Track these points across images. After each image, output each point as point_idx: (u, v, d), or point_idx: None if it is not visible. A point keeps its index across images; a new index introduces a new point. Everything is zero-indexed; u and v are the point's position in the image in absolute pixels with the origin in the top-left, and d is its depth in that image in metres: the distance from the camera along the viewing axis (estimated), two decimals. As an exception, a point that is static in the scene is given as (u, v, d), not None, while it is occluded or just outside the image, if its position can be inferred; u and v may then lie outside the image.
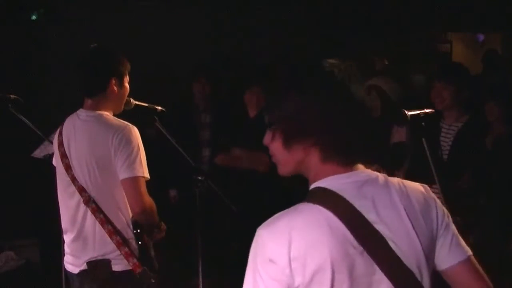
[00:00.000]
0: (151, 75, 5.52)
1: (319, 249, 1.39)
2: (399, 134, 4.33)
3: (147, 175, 2.67)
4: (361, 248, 1.42)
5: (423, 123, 2.74)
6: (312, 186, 1.50)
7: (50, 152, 3.36)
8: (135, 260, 2.65)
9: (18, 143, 4.02)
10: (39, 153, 3.67)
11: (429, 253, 1.51)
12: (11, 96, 3.30)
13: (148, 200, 2.68)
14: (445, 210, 1.58)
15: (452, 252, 1.54)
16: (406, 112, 2.70)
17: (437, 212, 1.54)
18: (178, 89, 5.43)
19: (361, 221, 1.44)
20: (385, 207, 1.47)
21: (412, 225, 1.48)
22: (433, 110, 2.86)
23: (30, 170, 4.23)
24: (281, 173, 1.58)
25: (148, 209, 2.67)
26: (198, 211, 3.31)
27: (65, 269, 2.89)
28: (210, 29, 6.31)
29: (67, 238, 2.83)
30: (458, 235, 1.57)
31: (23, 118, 3.33)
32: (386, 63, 6.40)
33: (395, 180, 1.55)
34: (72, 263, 2.81)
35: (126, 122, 2.71)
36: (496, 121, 3.99)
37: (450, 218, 1.58)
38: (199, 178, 3.30)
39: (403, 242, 1.46)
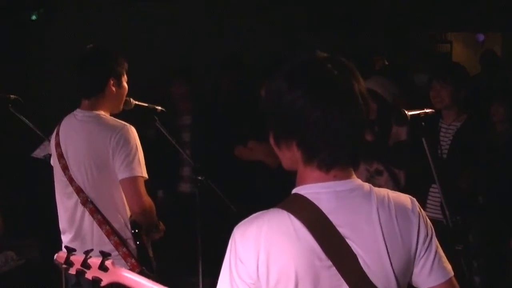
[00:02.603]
0: (151, 75, 5.52)
1: (283, 258, 1.38)
2: (400, 134, 4.33)
3: (145, 174, 2.67)
4: (329, 262, 1.39)
5: (423, 123, 2.73)
6: (293, 191, 1.47)
7: (50, 152, 3.36)
8: (133, 260, 2.65)
9: (18, 143, 4.02)
10: (39, 153, 3.66)
11: (402, 274, 1.46)
12: (11, 96, 3.30)
13: (148, 200, 2.68)
14: (429, 229, 1.50)
15: (433, 274, 1.50)
16: (406, 112, 2.70)
17: (418, 232, 1.47)
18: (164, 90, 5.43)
19: (332, 234, 1.40)
20: (361, 223, 1.42)
21: (386, 245, 1.43)
22: (433, 110, 2.86)
23: (30, 170, 4.23)
24: (284, 167, 1.56)
25: (147, 209, 2.67)
26: (198, 211, 3.32)
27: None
28: (210, 29, 6.31)
29: (65, 238, 2.83)
30: (442, 254, 1.52)
31: (23, 118, 3.32)
32: (386, 63, 6.39)
33: (382, 192, 1.48)
34: None
35: (123, 122, 2.70)
36: (501, 121, 4.00)
37: (434, 237, 1.51)
38: (199, 178, 3.30)
39: (373, 261, 1.42)
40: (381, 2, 7.24)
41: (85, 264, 1.98)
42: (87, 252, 2.03)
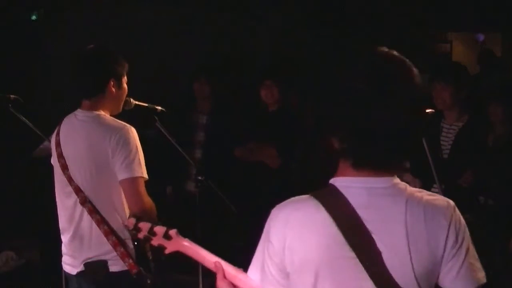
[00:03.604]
0: (151, 75, 5.52)
1: (307, 246, 1.45)
2: None
3: (145, 175, 2.66)
4: (352, 254, 1.42)
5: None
6: (330, 181, 1.52)
7: (50, 152, 3.36)
8: (131, 261, 2.64)
9: (18, 143, 4.02)
10: (39, 153, 3.67)
11: (425, 276, 1.47)
12: (11, 96, 3.30)
13: (148, 200, 2.68)
14: (462, 235, 1.50)
15: (458, 281, 1.49)
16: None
17: (447, 236, 1.47)
18: (178, 89, 5.43)
19: (359, 228, 1.43)
20: (388, 221, 1.45)
21: (409, 245, 1.44)
22: (433, 110, 2.86)
23: (30, 170, 4.23)
24: (328, 152, 1.58)
25: (147, 210, 2.66)
26: (198, 211, 3.32)
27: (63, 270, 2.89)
28: (210, 29, 6.31)
29: (64, 238, 2.83)
30: (472, 262, 1.50)
31: (23, 118, 3.32)
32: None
33: (417, 194, 1.49)
34: (70, 264, 2.81)
35: (123, 123, 2.70)
36: (499, 121, 3.99)
37: (466, 244, 1.50)
38: (199, 178, 3.30)
39: (396, 259, 1.44)
40: (381, 2, 7.24)
41: (152, 231, 2.03)
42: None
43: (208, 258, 1.93)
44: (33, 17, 5.87)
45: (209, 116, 4.78)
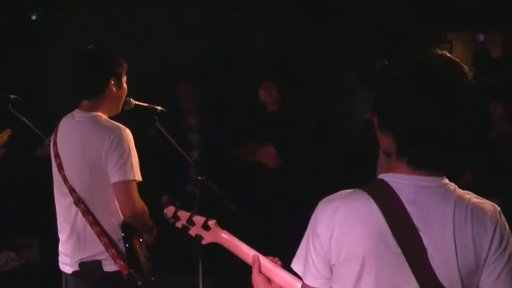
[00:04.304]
0: (151, 75, 5.52)
1: (354, 238, 1.46)
2: None
3: (138, 177, 2.65)
4: (398, 249, 1.43)
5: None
6: (380, 176, 1.52)
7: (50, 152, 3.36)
8: (121, 262, 2.65)
9: (18, 143, 4.01)
10: (39, 153, 3.67)
11: (469, 277, 1.47)
12: (11, 96, 3.30)
13: (140, 203, 2.67)
14: (506, 240, 1.49)
15: (497, 284, 1.49)
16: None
17: (492, 239, 1.47)
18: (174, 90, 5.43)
19: (407, 224, 1.44)
20: (435, 220, 1.45)
21: (455, 246, 1.45)
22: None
23: (30, 170, 4.23)
24: (380, 147, 1.58)
25: (139, 213, 2.66)
26: (198, 211, 3.31)
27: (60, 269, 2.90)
28: (210, 29, 6.31)
29: (61, 237, 2.84)
30: None
31: (23, 118, 3.32)
32: (386, 63, 6.39)
33: (466, 195, 1.50)
34: (66, 263, 2.81)
35: (118, 124, 2.69)
36: (501, 119, 3.99)
37: (509, 251, 1.49)
38: (199, 178, 3.30)
39: (441, 258, 1.44)
40: (381, 2, 7.24)
41: (191, 221, 2.05)
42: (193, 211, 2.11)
43: (245, 251, 1.95)
44: (33, 17, 5.87)
45: (199, 116, 4.78)
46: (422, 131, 1.43)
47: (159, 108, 3.07)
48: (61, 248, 2.85)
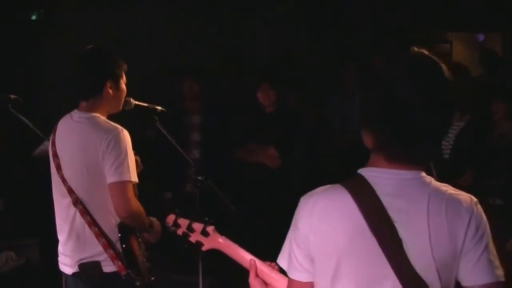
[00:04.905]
0: (151, 75, 5.51)
1: (332, 232, 1.50)
2: None
3: (135, 179, 2.65)
4: (375, 242, 1.46)
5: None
6: (359, 171, 1.57)
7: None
8: (120, 263, 2.65)
9: (18, 143, 4.01)
10: (39, 153, 3.66)
11: (445, 267, 1.48)
12: (11, 96, 3.30)
13: (135, 204, 2.67)
14: (482, 229, 1.51)
15: (474, 273, 1.50)
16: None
17: (467, 229, 1.49)
18: (178, 89, 5.43)
19: (382, 216, 1.47)
20: (410, 211, 1.48)
21: (430, 236, 1.47)
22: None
23: (30, 170, 4.23)
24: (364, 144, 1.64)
25: (134, 213, 2.66)
26: (198, 211, 3.31)
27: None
28: (210, 29, 6.31)
29: (61, 237, 2.84)
30: (491, 259, 1.51)
31: (23, 118, 3.32)
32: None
33: (442, 187, 1.53)
34: (66, 264, 2.81)
35: (116, 125, 2.69)
36: (502, 118, 3.99)
37: (486, 239, 1.51)
38: (199, 178, 3.30)
39: (416, 248, 1.46)
40: (381, 2, 7.24)
41: (190, 228, 2.10)
42: (192, 216, 2.16)
43: (243, 255, 1.99)
44: (33, 17, 5.86)
45: (201, 115, 4.78)
46: (400, 128, 1.47)
47: (159, 108, 3.07)
48: (60, 248, 2.85)
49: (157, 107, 3.06)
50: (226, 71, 5.78)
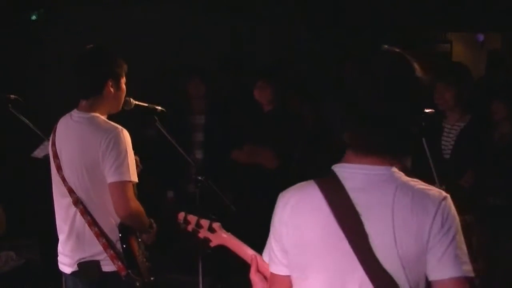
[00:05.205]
0: (151, 75, 5.51)
1: (303, 226, 1.56)
2: None
3: (134, 179, 2.65)
4: (343, 236, 1.50)
5: (423, 123, 2.73)
6: (332, 167, 1.62)
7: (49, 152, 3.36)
8: (120, 263, 2.65)
9: (18, 143, 4.01)
10: (39, 153, 3.66)
11: (410, 261, 1.48)
12: (11, 96, 3.30)
13: (135, 204, 2.67)
14: (449, 223, 1.49)
15: (439, 268, 1.49)
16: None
17: (433, 222, 1.48)
18: (178, 89, 5.43)
19: (350, 211, 1.50)
20: (376, 205, 1.50)
21: (394, 230, 1.47)
22: (433, 110, 2.85)
23: (30, 170, 4.23)
24: None
25: (134, 214, 2.66)
26: (198, 211, 3.31)
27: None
28: (210, 29, 6.30)
29: (60, 237, 2.84)
30: (457, 253, 1.49)
31: (23, 118, 3.32)
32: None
33: (410, 182, 1.53)
34: (65, 263, 2.82)
35: (116, 125, 2.69)
36: (503, 118, 3.99)
37: (453, 233, 1.49)
38: (199, 178, 3.30)
39: (381, 242, 1.48)
40: (381, 2, 7.24)
41: (198, 224, 2.17)
42: (198, 213, 2.24)
43: (246, 251, 2.08)
44: (33, 17, 5.86)
45: (206, 116, 4.78)
46: (362, 118, 1.51)
47: (159, 108, 3.07)
48: (60, 248, 2.85)
49: (157, 107, 3.06)
50: (226, 71, 5.78)
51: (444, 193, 1.53)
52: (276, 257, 1.64)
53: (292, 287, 1.63)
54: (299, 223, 1.56)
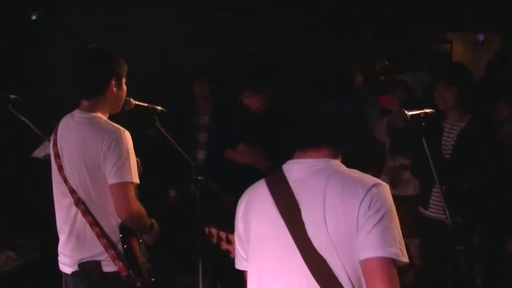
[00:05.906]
0: (151, 75, 5.51)
1: (255, 219, 1.71)
2: (380, 133, 4.35)
3: (136, 180, 2.65)
4: (283, 223, 1.63)
5: (423, 123, 2.73)
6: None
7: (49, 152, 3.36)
8: (120, 264, 2.65)
9: (18, 143, 4.02)
10: (39, 153, 3.66)
11: (343, 244, 1.56)
12: (11, 96, 3.30)
13: (136, 205, 2.67)
14: (376, 207, 1.55)
15: (362, 248, 1.55)
16: (406, 112, 2.70)
17: (360, 205, 1.55)
18: (178, 89, 5.43)
19: (290, 202, 1.64)
20: (310, 194, 1.62)
21: (325, 215, 1.58)
22: (433, 110, 2.85)
23: (30, 170, 4.23)
24: None
25: (135, 215, 2.66)
26: (198, 211, 3.31)
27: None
28: (210, 29, 6.31)
29: (61, 237, 2.84)
30: (382, 235, 1.53)
31: (23, 118, 3.32)
32: (386, 63, 6.39)
33: (346, 171, 1.66)
34: (65, 263, 2.81)
35: (117, 126, 2.68)
36: (506, 119, 3.99)
37: (379, 216, 1.54)
38: (199, 178, 3.29)
39: (315, 228, 1.59)
40: (381, 2, 7.24)
41: (219, 236, 2.29)
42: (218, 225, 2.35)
43: None
44: (33, 17, 5.86)
45: (210, 116, 4.78)
46: (302, 116, 1.68)
47: (159, 108, 3.06)
48: (60, 248, 2.85)
49: (157, 107, 3.05)
50: (226, 71, 5.78)
51: (379, 181, 1.62)
52: (239, 254, 1.78)
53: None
54: (251, 217, 1.71)
